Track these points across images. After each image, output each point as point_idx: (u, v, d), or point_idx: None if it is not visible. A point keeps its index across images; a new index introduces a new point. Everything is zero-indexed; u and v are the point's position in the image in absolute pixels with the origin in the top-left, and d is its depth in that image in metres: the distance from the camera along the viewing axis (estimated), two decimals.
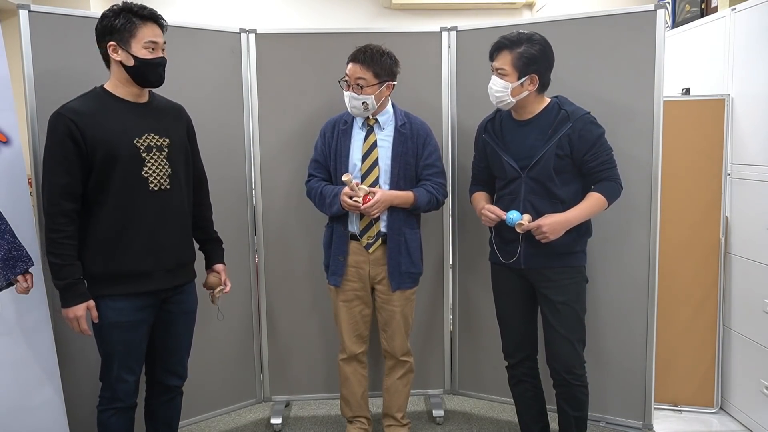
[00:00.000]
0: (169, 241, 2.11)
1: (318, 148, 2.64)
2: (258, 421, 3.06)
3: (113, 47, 1.99)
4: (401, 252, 2.55)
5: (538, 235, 2.23)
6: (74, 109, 1.97)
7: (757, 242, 2.77)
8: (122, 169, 1.99)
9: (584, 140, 2.24)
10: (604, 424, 2.84)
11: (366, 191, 2.43)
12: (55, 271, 1.96)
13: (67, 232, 1.95)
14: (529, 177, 2.28)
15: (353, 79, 2.45)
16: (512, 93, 2.25)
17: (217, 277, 2.32)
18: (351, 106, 2.49)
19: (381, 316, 2.66)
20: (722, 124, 2.93)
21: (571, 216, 2.25)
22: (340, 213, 2.51)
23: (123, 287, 2.03)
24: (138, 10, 2.00)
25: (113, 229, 2.01)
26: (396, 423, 2.78)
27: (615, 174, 2.31)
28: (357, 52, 2.47)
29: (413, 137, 2.56)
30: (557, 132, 2.25)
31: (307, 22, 5.35)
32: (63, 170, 1.94)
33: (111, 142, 1.97)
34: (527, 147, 2.29)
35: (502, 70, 2.25)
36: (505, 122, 2.39)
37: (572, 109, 2.27)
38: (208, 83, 2.75)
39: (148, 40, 1.99)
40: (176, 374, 2.25)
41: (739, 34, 2.88)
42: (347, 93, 2.48)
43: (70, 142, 1.93)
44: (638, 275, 2.69)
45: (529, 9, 5.60)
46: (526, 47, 2.22)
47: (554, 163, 2.24)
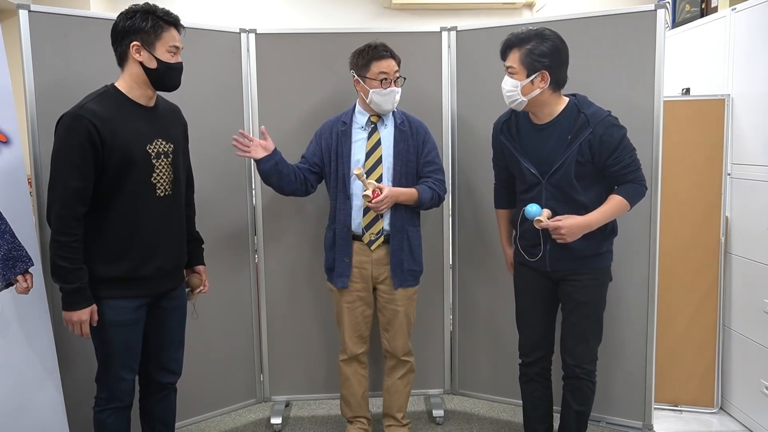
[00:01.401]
0: (170, 245, 2.12)
1: (311, 148, 2.64)
2: (258, 421, 3.06)
3: (136, 47, 1.98)
4: (404, 249, 2.56)
5: (554, 235, 2.21)
6: (94, 111, 1.93)
7: (757, 242, 2.77)
8: (135, 176, 2.00)
9: (606, 145, 2.18)
10: (604, 424, 2.84)
11: (375, 186, 2.44)
12: (63, 274, 1.94)
13: (77, 236, 1.94)
14: (549, 183, 2.25)
15: (392, 73, 2.47)
16: (522, 91, 2.20)
17: (198, 278, 2.34)
18: (395, 101, 2.51)
19: (383, 316, 2.66)
20: (722, 124, 2.93)
21: (591, 219, 2.22)
22: (264, 169, 2.50)
23: (124, 290, 2.03)
24: (163, 14, 2.01)
25: (120, 234, 2.01)
26: (396, 423, 2.78)
27: (639, 176, 2.27)
28: (385, 48, 2.47)
29: (413, 135, 2.57)
30: (577, 138, 2.20)
31: (307, 22, 5.35)
32: (79, 173, 1.92)
33: (127, 148, 1.97)
34: (546, 153, 2.24)
35: (511, 68, 2.21)
36: (522, 124, 2.34)
37: (591, 112, 2.21)
38: (208, 83, 2.75)
39: (171, 45, 2.01)
40: (170, 371, 2.25)
41: (739, 34, 2.88)
42: (392, 89, 2.48)
43: (89, 145, 1.91)
44: (638, 275, 2.69)
45: (529, 9, 5.60)
46: (534, 44, 2.16)
47: (575, 170, 2.20)
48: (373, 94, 2.48)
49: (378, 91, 2.48)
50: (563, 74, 2.22)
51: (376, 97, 2.49)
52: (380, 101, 2.49)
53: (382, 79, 2.46)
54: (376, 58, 2.46)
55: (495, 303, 2.94)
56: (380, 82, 2.46)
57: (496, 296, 2.93)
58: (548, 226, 2.20)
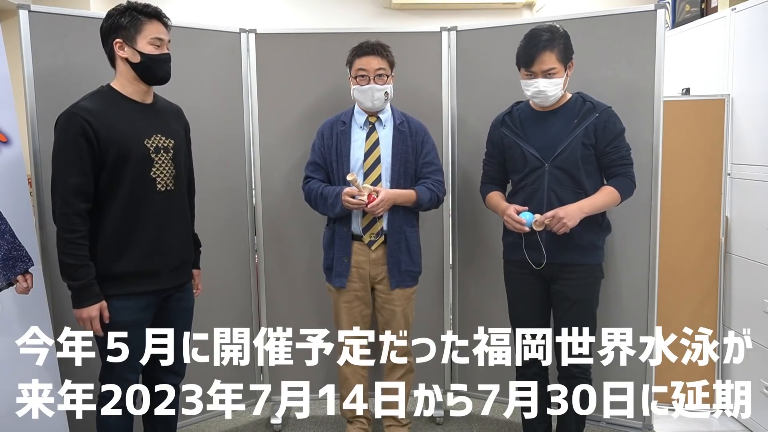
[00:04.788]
0: (174, 240, 2.13)
1: (316, 149, 2.63)
2: (258, 421, 3.06)
3: (119, 44, 2.01)
4: (401, 250, 2.56)
5: (556, 224, 2.21)
6: (87, 108, 1.96)
7: (757, 242, 2.77)
8: (132, 170, 2.00)
9: (608, 131, 2.27)
10: (604, 424, 2.84)
11: (370, 190, 2.44)
12: (70, 272, 1.95)
13: (82, 232, 1.95)
14: (553, 166, 2.28)
15: (373, 71, 2.47)
16: (563, 87, 2.29)
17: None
18: (374, 98, 2.49)
19: (382, 316, 2.66)
20: (722, 124, 2.93)
21: (583, 205, 2.25)
22: (343, 214, 2.51)
23: (129, 287, 2.04)
24: (142, 8, 2.02)
25: (122, 229, 2.02)
26: (396, 423, 2.78)
27: (631, 171, 2.33)
28: (369, 46, 2.49)
29: (412, 135, 2.57)
30: (584, 121, 2.27)
31: (307, 22, 5.35)
32: (77, 170, 1.94)
33: (123, 142, 1.98)
34: (551, 136, 2.29)
35: (551, 70, 2.24)
36: (524, 114, 2.39)
37: (596, 102, 2.32)
38: (208, 83, 2.75)
39: (153, 37, 2.02)
40: (175, 372, 2.25)
41: (739, 34, 2.88)
42: (369, 86, 2.48)
43: (84, 141, 1.93)
44: (638, 275, 2.69)
45: (529, 9, 5.60)
46: (562, 40, 2.26)
47: (581, 151, 2.26)
48: (354, 91, 2.52)
49: (357, 88, 2.50)
50: None
51: (356, 93, 2.52)
52: (360, 98, 2.51)
53: (361, 76, 2.48)
54: (358, 55, 2.50)
55: (495, 303, 2.94)
56: (357, 79, 2.49)
57: (496, 296, 2.93)
58: (546, 217, 2.22)
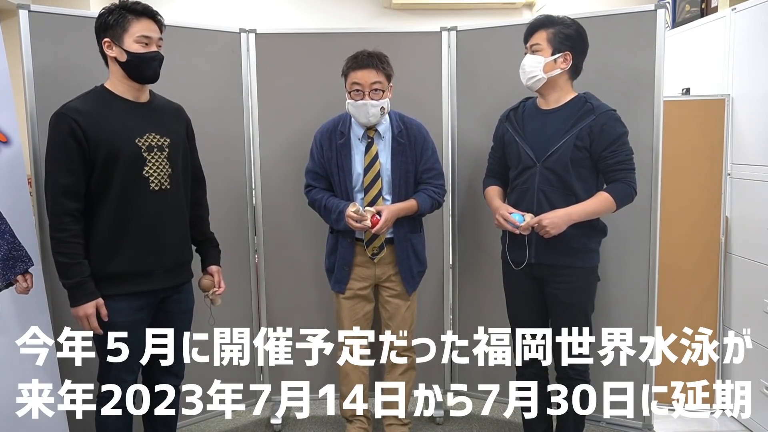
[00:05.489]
0: (170, 240, 2.11)
1: (315, 157, 2.60)
2: (258, 421, 3.06)
3: (107, 44, 2.01)
4: (410, 257, 2.58)
5: (539, 230, 2.21)
6: (76, 108, 1.97)
7: (757, 242, 2.77)
8: (124, 169, 2.00)
9: (605, 135, 2.21)
10: (604, 424, 2.84)
11: (372, 212, 2.43)
12: (63, 270, 1.96)
13: (73, 231, 1.95)
14: (544, 167, 2.25)
15: (368, 85, 2.39)
16: (545, 68, 2.23)
17: (210, 280, 2.31)
18: (370, 114, 2.42)
19: (386, 311, 2.66)
20: (722, 124, 2.93)
21: (572, 211, 2.21)
22: (347, 229, 2.51)
23: (124, 287, 2.03)
24: (131, 6, 2.01)
25: (114, 229, 2.01)
26: (396, 422, 2.78)
27: (631, 177, 2.26)
28: (365, 58, 2.40)
29: (411, 144, 2.54)
30: (579, 123, 2.23)
31: (307, 22, 5.35)
32: (66, 170, 1.94)
33: (113, 142, 1.98)
34: (546, 136, 2.27)
35: (536, 45, 2.24)
36: (528, 110, 2.37)
37: (598, 104, 2.26)
38: (208, 83, 2.75)
39: (140, 35, 2.00)
40: (173, 373, 2.25)
41: (739, 34, 2.88)
42: (364, 102, 2.40)
43: (72, 141, 1.93)
44: (638, 275, 2.69)
45: (529, 9, 5.60)
46: (560, 27, 2.24)
47: (572, 153, 2.22)
48: (348, 105, 2.46)
49: (351, 103, 2.44)
50: (581, 63, 2.29)
51: (350, 108, 2.45)
52: (354, 113, 2.46)
53: (356, 90, 2.42)
54: (353, 68, 2.41)
55: (494, 303, 2.94)
56: (352, 93, 2.42)
57: (495, 296, 2.93)
58: (529, 224, 2.22)
